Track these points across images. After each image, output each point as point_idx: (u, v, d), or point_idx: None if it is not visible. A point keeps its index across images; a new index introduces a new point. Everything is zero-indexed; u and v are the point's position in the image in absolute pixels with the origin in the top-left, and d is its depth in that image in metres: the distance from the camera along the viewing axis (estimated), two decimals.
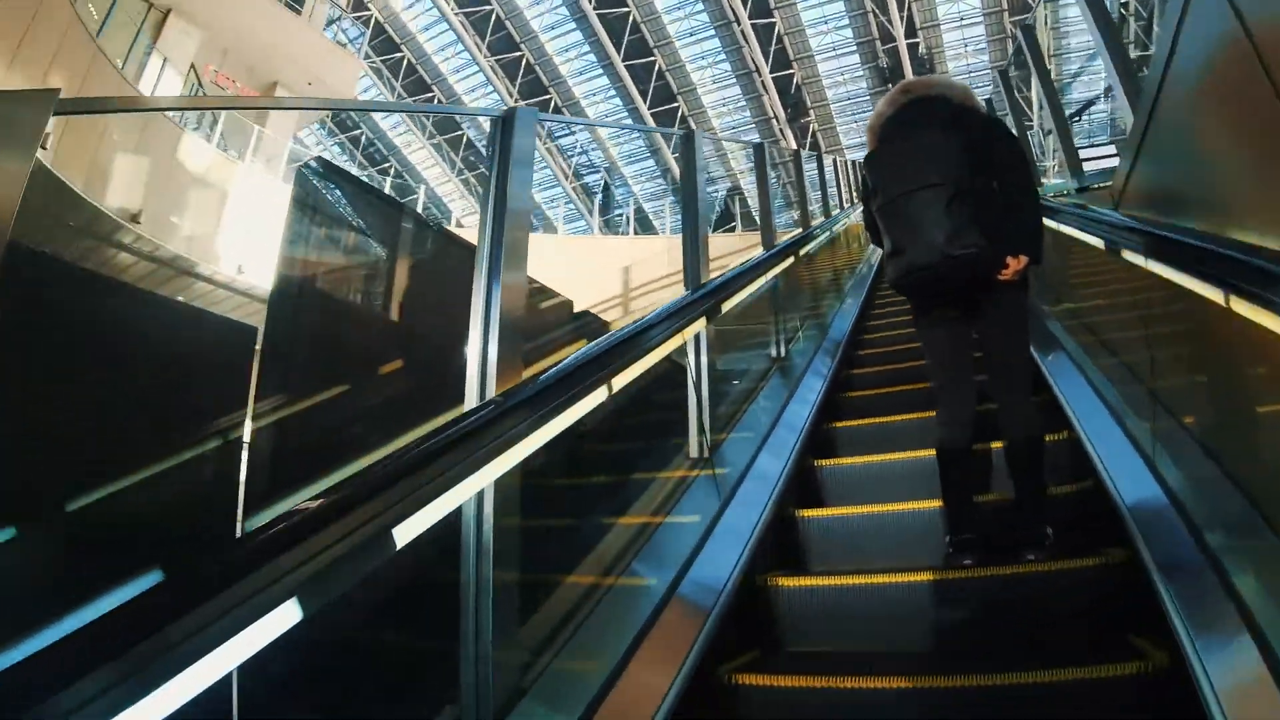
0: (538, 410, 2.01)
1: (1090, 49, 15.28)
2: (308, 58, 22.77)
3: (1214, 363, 2.49)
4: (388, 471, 1.49)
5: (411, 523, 1.48)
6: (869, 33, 32.71)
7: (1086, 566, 2.70)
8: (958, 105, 3.32)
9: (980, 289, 3.18)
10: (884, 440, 4.26)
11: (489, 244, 2.60)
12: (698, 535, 3.09)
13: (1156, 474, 2.75)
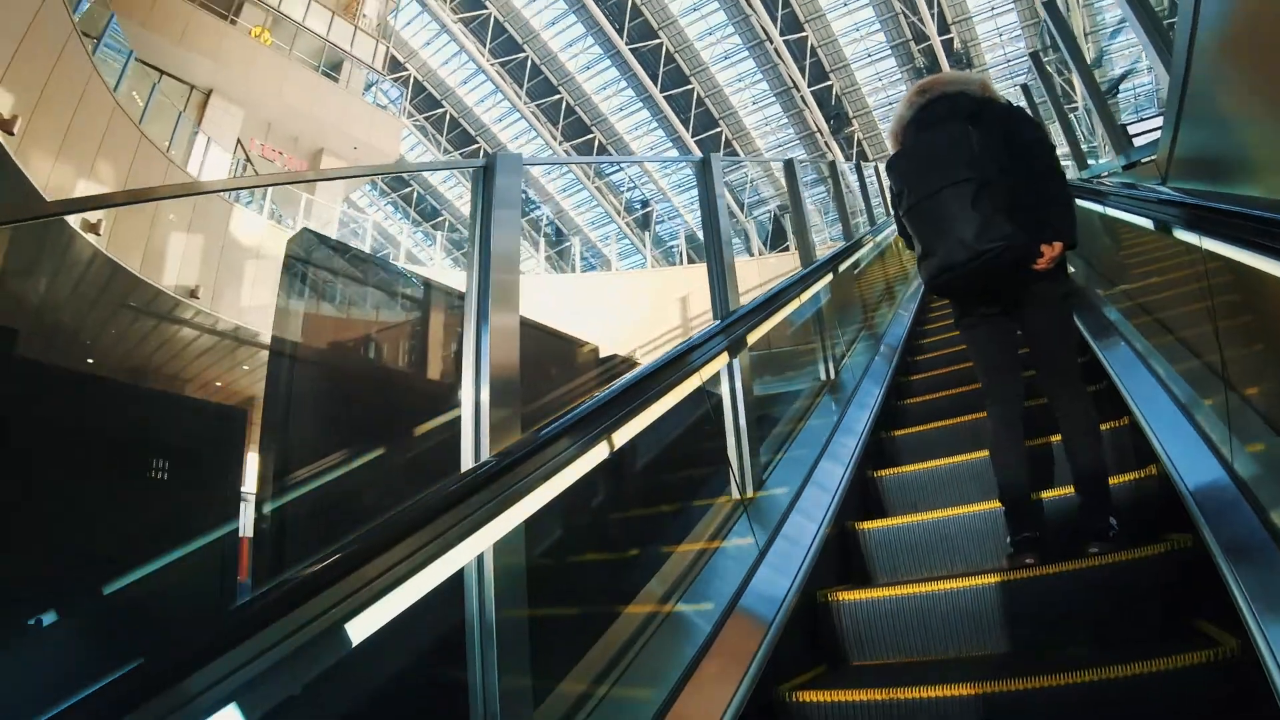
0: (504, 490, 1.78)
1: (1122, 20, 14.87)
2: (349, 123, 23.32)
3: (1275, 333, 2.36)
4: (327, 570, 1.32)
5: (367, 617, 1.35)
6: (902, 34, 32.38)
7: (1152, 555, 2.59)
8: (976, 98, 3.30)
9: (1018, 282, 3.11)
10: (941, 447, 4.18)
11: (476, 296, 2.53)
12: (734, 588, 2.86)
13: (1220, 457, 2.64)
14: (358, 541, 1.39)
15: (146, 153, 14.23)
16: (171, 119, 17.01)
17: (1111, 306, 4.92)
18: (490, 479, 1.71)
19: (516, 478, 1.78)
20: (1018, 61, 32.09)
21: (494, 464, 1.77)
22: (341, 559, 1.33)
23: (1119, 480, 3.10)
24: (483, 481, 1.69)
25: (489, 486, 1.69)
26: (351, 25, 25.00)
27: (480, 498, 1.65)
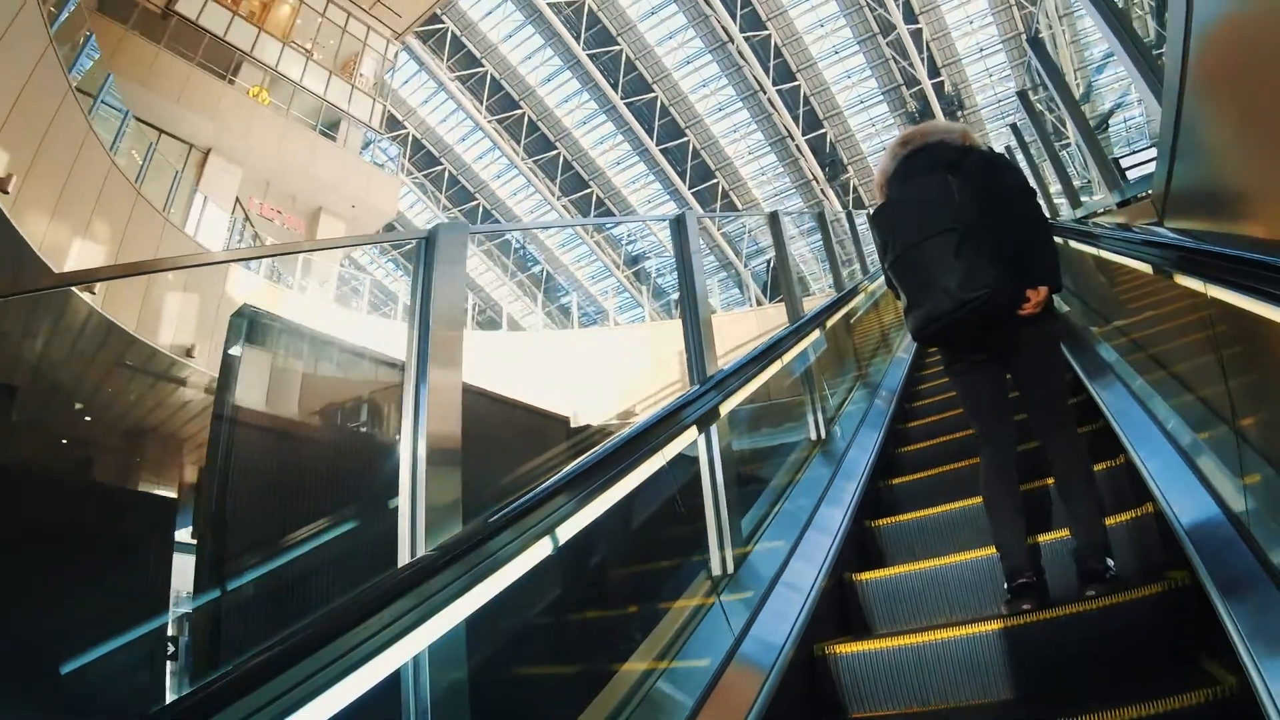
0: (418, 603, 1.53)
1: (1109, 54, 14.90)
2: (347, 182, 23.51)
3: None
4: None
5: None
6: (893, 80, 32.75)
7: (1149, 595, 2.60)
8: (957, 148, 3.32)
9: (1005, 328, 3.10)
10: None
11: (415, 372, 2.40)
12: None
13: (1215, 495, 2.62)
14: (246, 665, 1.20)
15: (143, 211, 14.29)
16: (169, 177, 17.12)
17: (1106, 345, 4.87)
18: (397, 594, 1.50)
19: (428, 592, 1.57)
20: (1008, 101, 32.32)
21: (407, 574, 1.57)
22: (227, 685, 1.16)
23: (1115, 520, 3.08)
24: (388, 598, 1.48)
25: (390, 606, 1.47)
26: (349, 84, 25.30)
27: (386, 615, 1.45)
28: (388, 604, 1.45)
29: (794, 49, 32.24)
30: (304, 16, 24.89)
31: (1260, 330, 2.20)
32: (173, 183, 17.00)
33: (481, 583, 1.73)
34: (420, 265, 2.58)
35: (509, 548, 1.82)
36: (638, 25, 32.12)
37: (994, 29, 31.34)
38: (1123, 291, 4.48)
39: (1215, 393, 2.78)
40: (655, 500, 3.04)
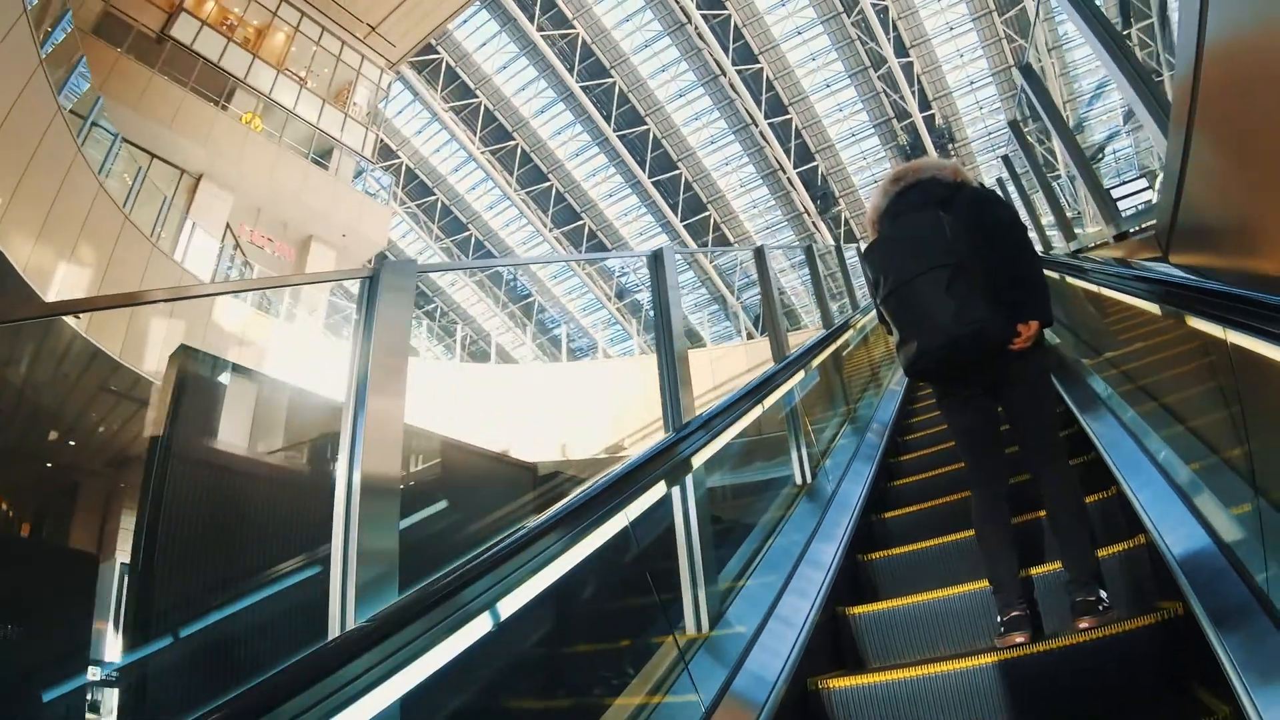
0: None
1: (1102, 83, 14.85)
2: (338, 210, 23.45)
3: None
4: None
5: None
6: (884, 113, 32.98)
7: (1143, 626, 2.60)
8: (948, 184, 3.36)
9: (996, 362, 3.13)
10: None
11: (351, 415, 2.25)
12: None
13: (1206, 526, 2.62)
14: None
15: (130, 236, 14.19)
16: (159, 202, 17.03)
17: (1099, 378, 4.86)
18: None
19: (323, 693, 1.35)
20: (999, 133, 32.60)
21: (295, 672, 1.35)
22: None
23: (1108, 551, 3.08)
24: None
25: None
26: (342, 113, 25.29)
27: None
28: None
29: (786, 82, 32.43)
30: (298, 44, 24.89)
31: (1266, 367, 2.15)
32: (161, 208, 16.91)
33: (399, 673, 1.54)
34: (364, 303, 2.47)
35: (434, 631, 1.65)
36: (631, 58, 32.30)
37: (984, 62, 31.61)
38: (1115, 326, 4.45)
39: (1209, 427, 2.78)
40: (621, 560, 2.88)
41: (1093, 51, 4.72)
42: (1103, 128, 15.79)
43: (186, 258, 17.02)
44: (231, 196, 21.47)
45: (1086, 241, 6.80)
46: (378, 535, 2.08)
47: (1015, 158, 11.26)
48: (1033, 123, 10.16)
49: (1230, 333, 2.10)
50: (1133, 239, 5.04)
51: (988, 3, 29.71)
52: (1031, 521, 3.55)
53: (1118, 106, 14.50)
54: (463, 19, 30.99)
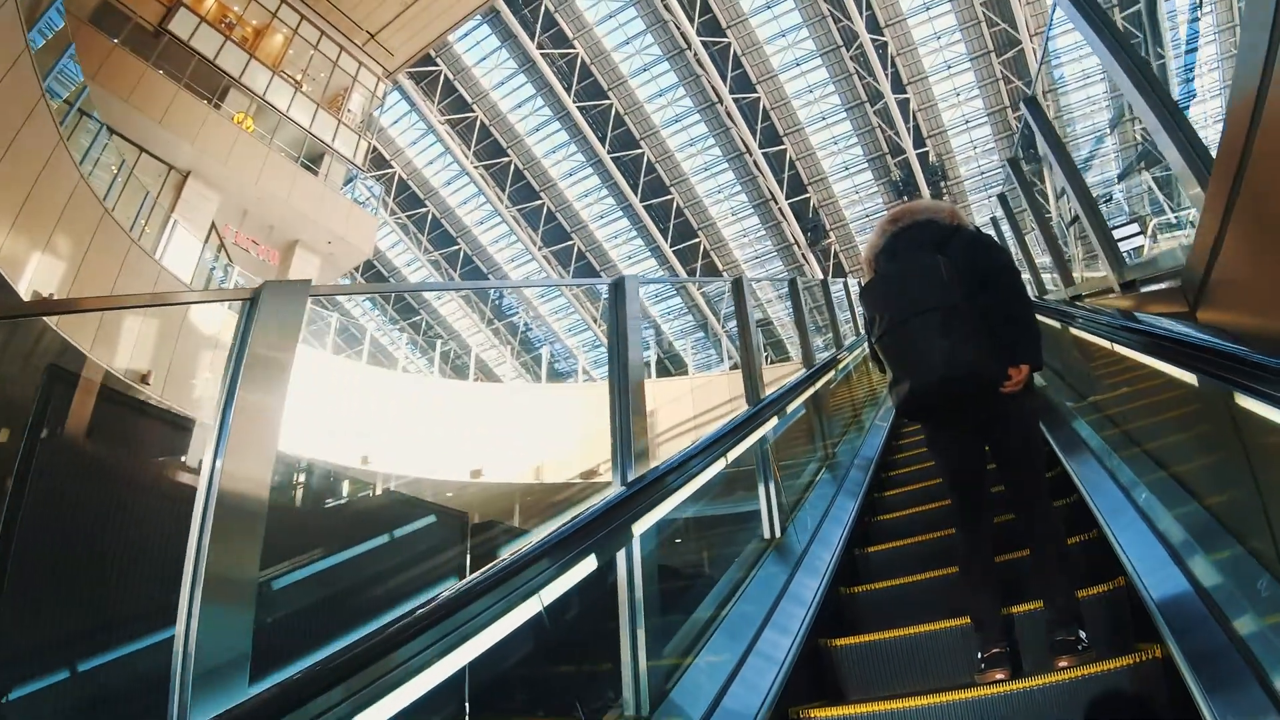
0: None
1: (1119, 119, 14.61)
2: (326, 217, 23.19)
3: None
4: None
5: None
6: (878, 148, 33.10)
7: (1120, 667, 2.61)
8: (945, 226, 3.42)
9: (986, 403, 3.19)
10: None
11: (214, 448, 2.01)
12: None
13: (1185, 570, 2.67)
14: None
15: (109, 230, 13.92)
16: (141, 198, 16.78)
17: (1077, 416, 4.89)
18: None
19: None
20: (992, 173, 32.79)
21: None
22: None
23: (1089, 592, 3.13)
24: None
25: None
26: (335, 119, 25.10)
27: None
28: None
29: (782, 113, 32.54)
30: (296, 47, 24.71)
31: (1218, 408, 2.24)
32: (142, 203, 16.65)
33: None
34: (241, 325, 2.26)
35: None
36: (629, 81, 32.35)
37: (980, 102, 31.80)
38: (1102, 372, 4.44)
39: (1192, 475, 2.82)
40: (540, 638, 2.66)
41: (1108, 74, 4.44)
42: (1095, 171, 15.71)
43: (166, 256, 16.73)
44: (218, 196, 21.21)
45: (1087, 287, 6.50)
46: (226, 609, 1.80)
47: (1011, 195, 11.03)
48: (1027, 165, 9.87)
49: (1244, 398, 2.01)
50: (1141, 289, 4.71)
51: (986, 43, 29.92)
52: (1014, 560, 3.56)
53: (1111, 151, 14.51)
54: (463, 32, 30.99)
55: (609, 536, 2.66)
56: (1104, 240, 5.53)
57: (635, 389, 3.45)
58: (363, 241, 24.45)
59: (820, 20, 30.01)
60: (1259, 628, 2.11)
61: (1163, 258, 5.12)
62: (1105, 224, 5.96)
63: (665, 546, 3.17)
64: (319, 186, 23.56)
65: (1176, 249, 4.12)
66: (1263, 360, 1.87)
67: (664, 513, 3.10)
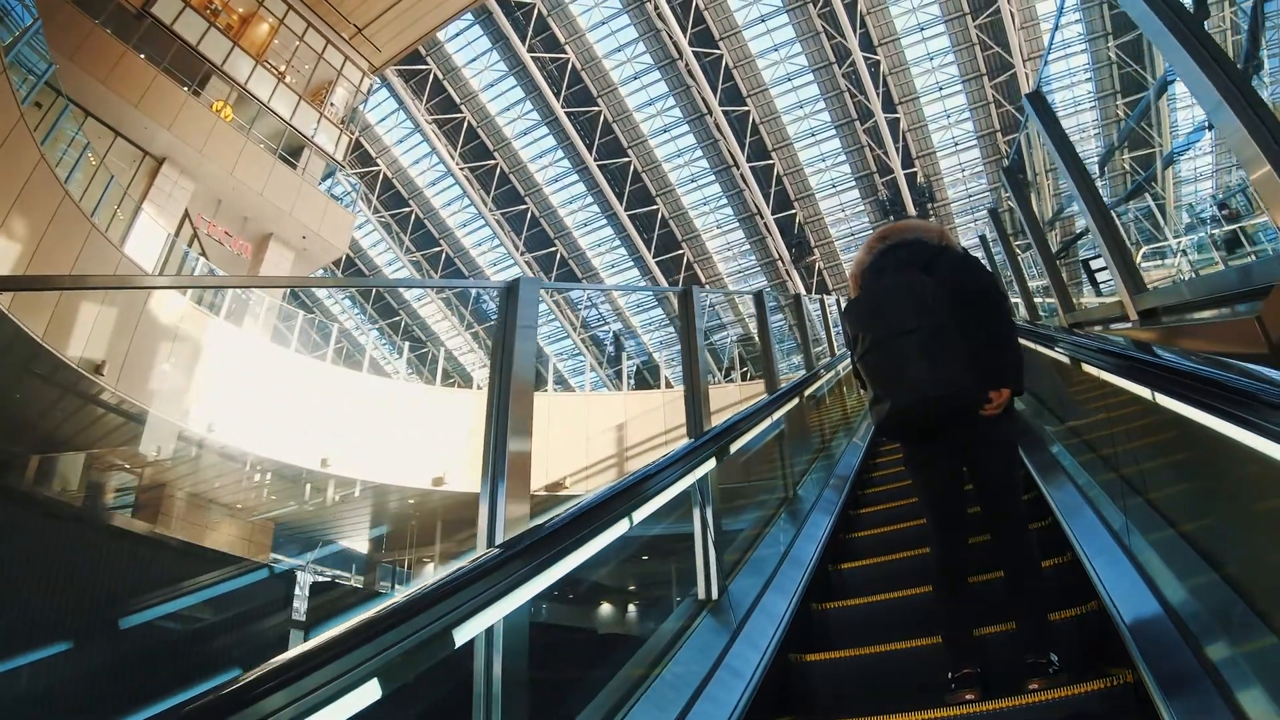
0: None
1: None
2: (302, 211, 22.70)
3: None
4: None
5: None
6: (866, 167, 32.99)
7: (1091, 691, 2.58)
8: (933, 246, 3.40)
9: (966, 425, 3.16)
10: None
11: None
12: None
13: (1157, 594, 2.65)
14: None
15: (70, 214, 13.48)
16: (108, 182, 16.33)
17: (1054, 439, 4.80)
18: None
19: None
20: (979, 196, 32.75)
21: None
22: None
23: (1062, 615, 3.10)
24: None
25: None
26: (317, 112, 24.67)
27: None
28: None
29: (771, 128, 32.44)
30: (281, 37, 24.25)
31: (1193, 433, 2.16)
32: (107, 187, 16.19)
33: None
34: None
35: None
36: (619, 88, 32.14)
37: (970, 124, 31.72)
38: (1072, 391, 4.41)
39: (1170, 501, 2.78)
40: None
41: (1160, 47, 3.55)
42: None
43: (131, 243, 16.25)
44: (193, 185, 20.76)
45: (1089, 315, 5.98)
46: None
47: (1008, 215, 10.50)
48: (1020, 175, 9.19)
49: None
50: (1166, 320, 4.05)
51: (979, 66, 29.85)
52: (988, 581, 3.54)
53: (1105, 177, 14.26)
54: (454, 32, 30.76)
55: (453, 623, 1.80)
56: (1120, 259, 4.74)
57: (518, 406, 2.86)
58: (338, 238, 23.97)
59: (814, 36, 29.90)
60: (1230, 653, 2.09)
61: (1173, 288, 4.70)
62: (1123, 239, 5.22)
63: (565, 609, 2.67)
64: (296, 180, 23.07)
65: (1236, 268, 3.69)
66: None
67: (553, 578, 2.24)
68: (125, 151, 19.88)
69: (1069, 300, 6.99)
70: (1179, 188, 19.13)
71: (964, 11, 28.91)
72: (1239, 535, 2.22)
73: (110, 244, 14.72)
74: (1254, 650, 1.98)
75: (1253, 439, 1.77)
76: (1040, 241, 7.60)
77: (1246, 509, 2.16)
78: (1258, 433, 1.74)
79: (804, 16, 29.45)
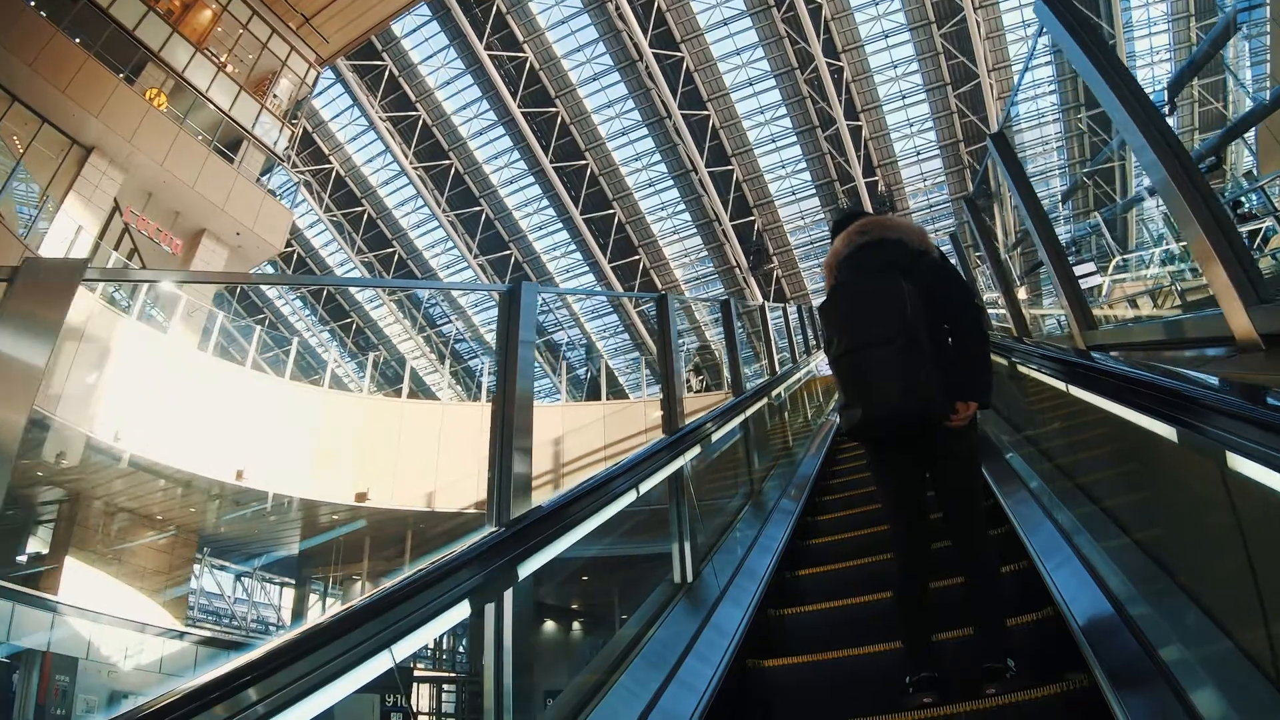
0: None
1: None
2: (237, 206, 21.70)
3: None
4: None
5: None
6: (827, 175, 32.65)
7: (1048, 695, 2.63)
8: (912, 249, 3.35)
9: (932, 435, 3.17)
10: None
11: None
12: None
13: (1110, 597, 2.71)
14: None
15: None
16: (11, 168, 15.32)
17: (1011, 449, 4.90)
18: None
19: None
20: (940, 207, 32.50)
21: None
22: None
23: (1018, 621, 3.17)
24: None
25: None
26: (258, 104, 23.69)
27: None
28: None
29: (731, 132, 32.05)
30: (225, 25, 23.31)
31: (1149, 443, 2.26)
32: (11, 175, 15.19)
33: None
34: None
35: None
36: (577, 89, 31.54)
37: (934, 134, 31.43)
38: (1033, 405, 4.49)
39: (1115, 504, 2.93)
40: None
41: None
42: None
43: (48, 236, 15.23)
44: (121, 176, 19.69)
45: (1108, 338, 4.83)
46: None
47: (968, 235, 9.82)
48: (982, 201, 8.44)
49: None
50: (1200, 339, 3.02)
51: (943, 75, 29.57)
52: (948, 587, 3.54)
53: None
54: (411, 27, 30.06)
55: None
56: (1071, 294, 4.10)
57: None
58: (275, 235, 22.94)
59: (777, 41, 29.47)
60: (1184, 656, 2.12)
61: (1166, 324, 4.03)
62: (1072, 276, 4.35)
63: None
64: (232, 173, 22.03)
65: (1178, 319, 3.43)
66: None
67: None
68: (53, 140, 18.84)
69: (1087, 315, 6.02)
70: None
71: (929, 20, 28.57)
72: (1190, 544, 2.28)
73: (11, 235, 13.77)
74: (1208, 653, 2.00)
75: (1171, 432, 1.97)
76: (998, 269, 7.21)
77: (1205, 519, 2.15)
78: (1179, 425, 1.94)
79: (768, 20, 29.01)
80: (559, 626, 23.86)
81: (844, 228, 3.54)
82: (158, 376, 15.02)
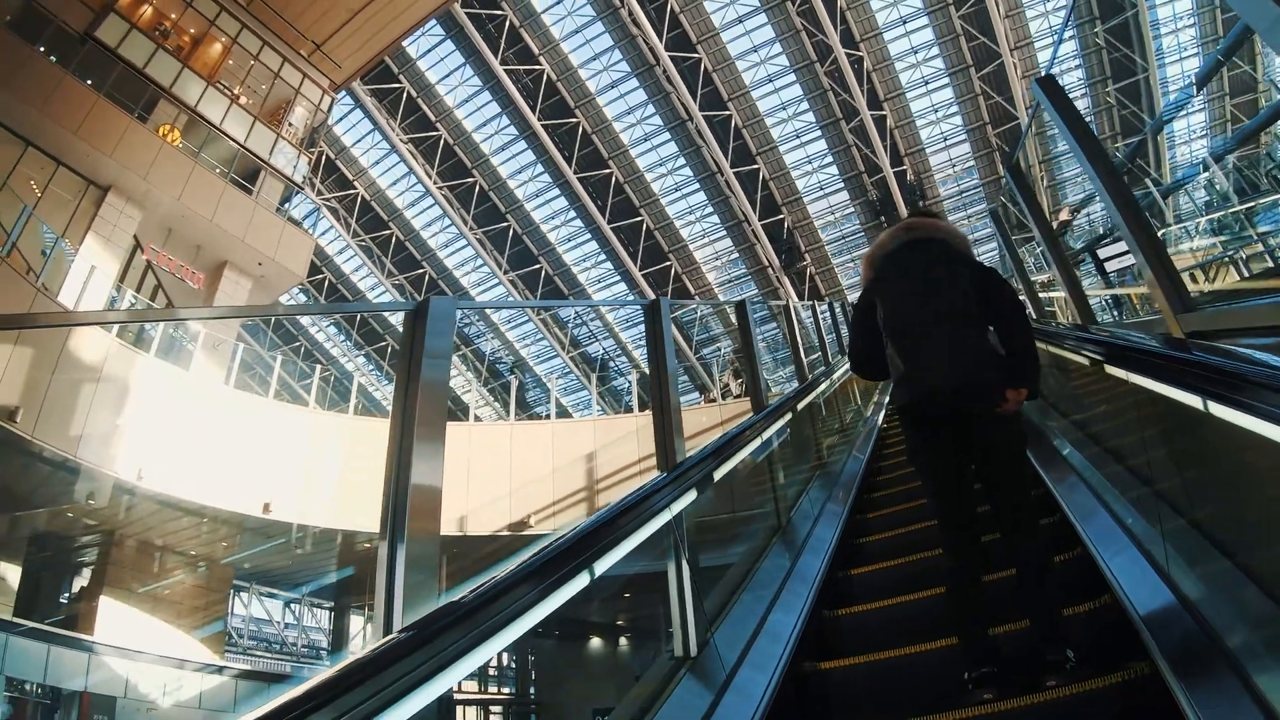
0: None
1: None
2: (257, 237, 21.55)
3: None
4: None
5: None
6: (854, 167, 32.03)
7: (1109, 685, 2.57)
8: (956, 252, 3.41)
9: (980, 422, 3.19)
10: None
11: None
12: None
13: (1170, 583, 2.63)
14: None
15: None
16: (18, 212, 15.26)
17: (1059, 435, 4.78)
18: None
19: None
20: (971, 192, 31.74)
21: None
22: None
23: (1075, 610, 3.10)
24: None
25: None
26: (274, 133, 23.55)
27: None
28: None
29: (754, 131, 31.54)
30: (235, 57, 23.22)
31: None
32: (21, 218, 15.13)
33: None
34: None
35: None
36: (596, 98, 31.23)
37: (959, 118, 30.74)
38: (1080, 390, 4.40)
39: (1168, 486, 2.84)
40: None
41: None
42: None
43: (44, 274, 15.14)
44: (139, 213, 19.58)
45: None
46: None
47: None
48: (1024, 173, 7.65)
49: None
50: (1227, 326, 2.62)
51: (965, 57, 28.88)
52: (1001, 579, 3.45)
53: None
54: (426, 48, 29.96)
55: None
56: (1161, 268, 2.80)
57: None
58: (296, 263, 22.78)
59: (794, 35, 28.93)
60: (1247, 640, 2.07)
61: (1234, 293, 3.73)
62: (1162, 246, 3.43)
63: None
64: (250, 204, 21.86)
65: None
66: None
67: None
68: (69, 181, 18.79)
69: (1089, 312, 5.37)
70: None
71: (947, 2, 27.87)
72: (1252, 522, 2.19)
73: (23, 279, 13.66)
74: (1274, 637, 1.95)
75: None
76: (1053, 246, 5.84)
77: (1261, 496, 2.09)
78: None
79: (782, 15, 28.50)
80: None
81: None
82: (189, 413, 14.92)
